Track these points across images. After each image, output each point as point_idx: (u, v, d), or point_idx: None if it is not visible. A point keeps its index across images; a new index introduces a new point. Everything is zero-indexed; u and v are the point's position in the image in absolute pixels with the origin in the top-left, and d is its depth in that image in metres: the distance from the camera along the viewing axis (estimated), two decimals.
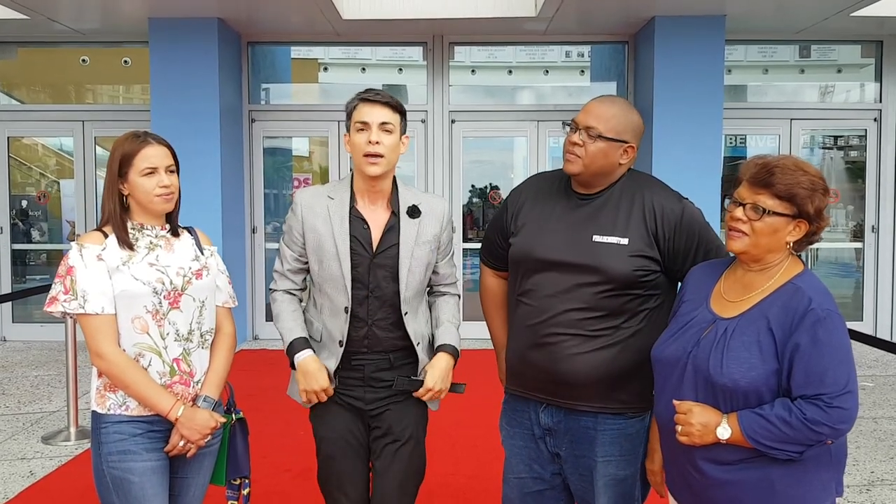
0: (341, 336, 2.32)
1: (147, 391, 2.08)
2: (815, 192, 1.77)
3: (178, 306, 2.15)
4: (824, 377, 1.66)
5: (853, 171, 7.90)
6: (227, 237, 6.82)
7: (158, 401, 2.09)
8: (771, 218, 1.77)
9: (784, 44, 7.67)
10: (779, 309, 1.75)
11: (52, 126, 7.75)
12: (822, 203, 1.79)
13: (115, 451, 2.08)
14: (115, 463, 2.08)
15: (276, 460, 4.12)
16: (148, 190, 2.11)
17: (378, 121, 2.27)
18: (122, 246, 2.11)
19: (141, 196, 2.12)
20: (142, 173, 2.10)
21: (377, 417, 2.38)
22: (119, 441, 2.09)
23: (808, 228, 1.78)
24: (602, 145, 2.07)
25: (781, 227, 1.78)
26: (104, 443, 2.09)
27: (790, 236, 1.79)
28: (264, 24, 7.05)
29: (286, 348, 2.34)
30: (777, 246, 1.80)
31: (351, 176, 2.42)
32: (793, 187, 1.75)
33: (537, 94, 7.96)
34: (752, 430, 1.70)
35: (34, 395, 5.65)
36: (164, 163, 2.14)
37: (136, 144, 2.11)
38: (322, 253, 2.31)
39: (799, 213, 1.77)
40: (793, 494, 1.74)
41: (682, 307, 1.96)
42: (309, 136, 8.00)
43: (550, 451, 2.21)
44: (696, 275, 2.00)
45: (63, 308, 2.07)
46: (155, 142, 2.14)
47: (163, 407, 2.09)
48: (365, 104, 2.29)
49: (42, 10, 6.39)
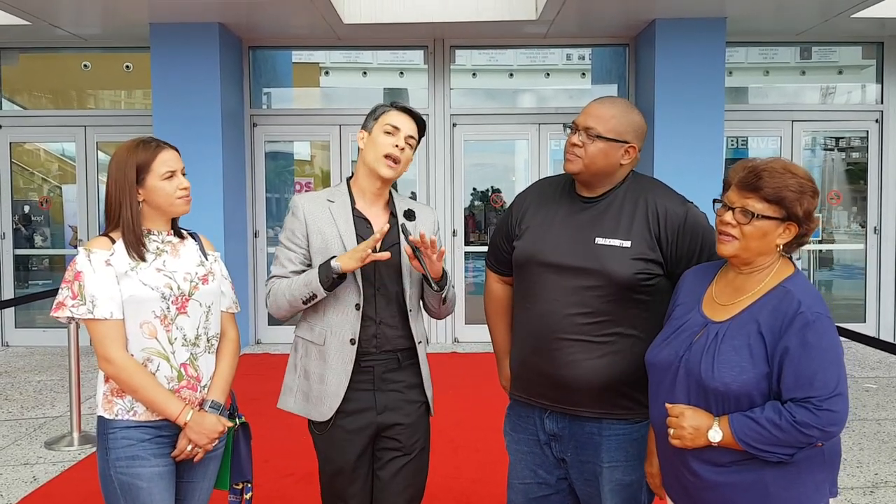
0: (353, 334, 2.31)
1: (156, 396, 2.09)
2: (803, 194, 1.77)
3: (186, 311, 2.16)
4: (814, 380, 1.67)
5: (855, 173, 7.90)
6: (229, 241, 6.83)
7: (167, 405, 2.10)
8: (760, 221, 1.78)
9: (785, 45, 7.68)
10: (769, 312, 1.76)
11: (54, 131, 7.76)
12: (811, 205, 1.78)
13: (123, 456, 2.09)
14: (122, 468, 2.08)
15: (279, 465, 4.12)
16: (170, 193, 2.14)
17: (407, 132, 2.36)
18: (131, 254, 2.12)
19: (162, 200, 2.15)
20: (163, 177, 2.13)
21: (389, 429, 2.37)
22: (127, 447, 2.09)
23: (797, 231, 1.79)
24: (602, 146, 2.07)
25: (771, 231, 1.79)
26: (112, 448, 2.10)
27: (780, 239, 1.80)
28: (265, 29, 7.06)
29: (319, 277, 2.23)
30: (767, 249, 1.81)
31: (347, 181, 2.45)
32: (781, 190, 1.76)
33: (538, 96, 7.96)
34: (742, 433, 1.71)
35: (37, 400, 5.65)
36: (179, 165, 2.19)
37: (151, 150, 2.14)
38: (329, 253, 2.31)
39: (788, 215, 1.77)
40: (786, 496, 1.75)
41: (675, 311, 1.97)
42: (310, 140, 8.01)
43: (556, 456, 2.20)
44: (689, 278, 2.01)
45: (71, 313, 2.07)
46: (166, 146, 2.18)
47: (171, 411, 2.10)
48: (400, 113, 2.37)
49: (44, 15, 6.41)
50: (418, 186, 7.53)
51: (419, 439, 2.41)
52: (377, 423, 2.35)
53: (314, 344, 2.36)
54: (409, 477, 2.39)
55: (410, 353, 2.41)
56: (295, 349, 2.44)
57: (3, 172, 7.63)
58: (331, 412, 2.31)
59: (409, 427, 2.38)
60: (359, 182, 2.41)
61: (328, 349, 2.33)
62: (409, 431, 2.38)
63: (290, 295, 2.31)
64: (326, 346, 2.33)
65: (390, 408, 2.36)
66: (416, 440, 2.40)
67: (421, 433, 2.42)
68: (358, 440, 2.34)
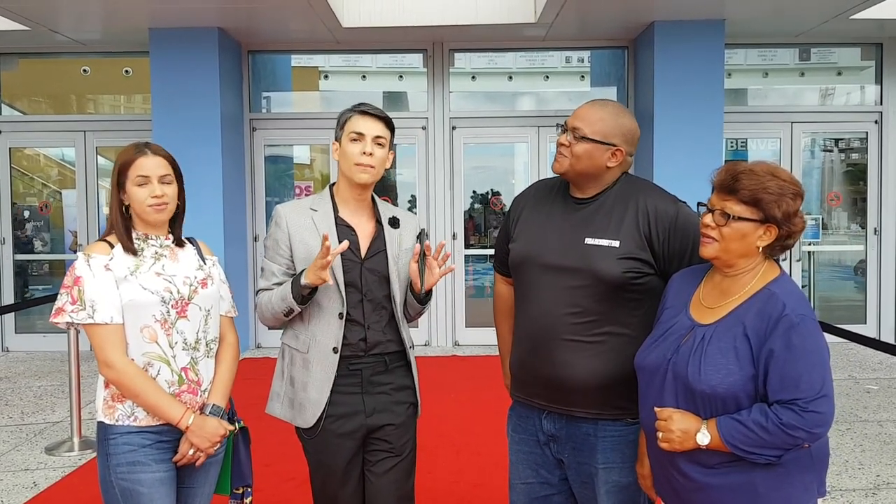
0: (335, 343, 2.32)
1: (158, 400, 2.08)
2: (782, 196, 1.77)
3: (186, 315, 2.16)
4: (799, 382, 1.69)
5: (854, 174, 7.90)
6: (228, 246, 6.83)
7: (169, 409, 2.09)
8: (737, 223, 1.79)
9: (784, 47, 7.68)
10: (754, 315, 1.77)
11: (53, 136, 7.77)
12: (791, 207, 1.78)
13: (125, 462, 2.08)
14: (124, 474, 2.07)
15: (280, 469, 4.11)
16: (140, 199, 2.13)
17: (373, 134, 2.34)
18: (127, 252, 2.12)
19: (135, 205, 2.14)
20: (135, 183, 2.12)
21: (379, 431, 2.38)
22: (129, 452, 2.08)
23: (778, 233, 1.80)
24: (587, 146, 2.10)
25: (750, 232, 1.80)
26: (112, 454, 2.09)
27: (760, 241, 1.81)
28: (265, 33, 7.07)
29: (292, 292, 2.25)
30: (748, 251, 1.82)
31: (330, 189, 2.45)
32: (757, 192, 1.77)
33: (538, 99, 7.97)
34: (730, 436, 1.73)
35: (37, 405, 5.65)
36: (157, 172, 2.14)
37: (132, 155, 2.14)
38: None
39: (766, 217, 1.78)
40: (776, 497, 1.77)
41: (663, 314, 1.98)
42: (310, 144, 8.01)
43: (555, 456, 2.21)
44: (677, 281, 2.02)
45: (70, 319, 2.06)
46: (152, 152, 2.16)
47: (173, 415, 2.10)
48: (362, 116, 2.35)
49: (43, 21, 6.42)
50: (418, 190, 7.53)
51: (408, 440, 2.43)
52: (367, 425, 2.36)
53: (298, 352, 2.37)
54: (400, 478, 2.40)
55: (398, 356, 2.42)
56: (282, 356, 2.46)
57: (3, 178, 7.63)
58: (314, 419, 2.32)
59: (399, 428, 2.40)
60: (340, 191, 2.42)
61: (311, 358, 2.34)
62: (400, 432, 2.40)
63: (271, 309, 2.34)
64: (310, 355, 2.34)
65: (379, 410, 2.37)
66: (405, 441, 2.41)
67: (410, 434, 2.44)
68: (348, 443, 2.35)
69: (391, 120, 2.41)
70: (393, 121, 2.42)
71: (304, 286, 2.22)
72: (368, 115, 2.35)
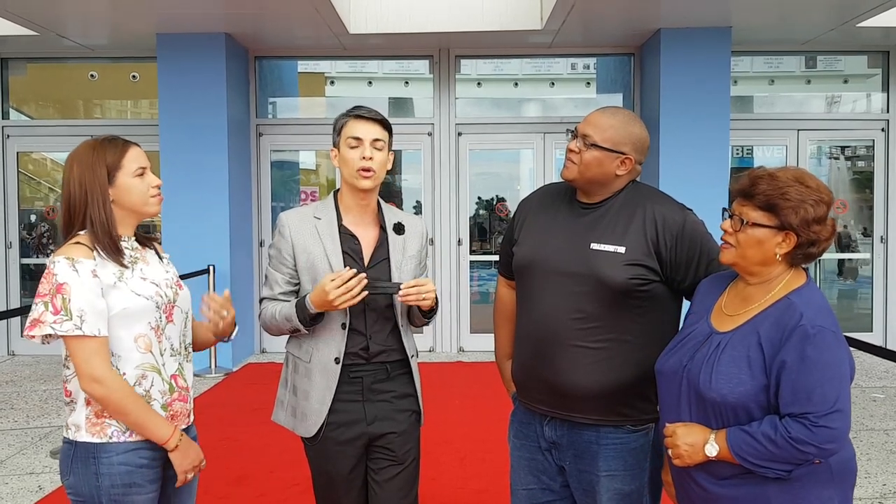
0: (338, 353, 2.31)
1: (147, 418, 1.94)
2: (802, 203, 1.71)
3: (172, 319, 2.05)
4: (811, 395, 1.63)
5: (861, 182, 7.88)
6: (234, 250, 6.83)
7: (157, 429, 1.95)
8: (752, 229, 1.76)
9: (790, 55, 7.67)
10: (770, 324, 1.73)
11: (60, 141, 7.77)
12: (811, 214, 1.71)
13: (121, 483, 1.92)
14: (118, 497, 1.92)
15: (284, 475, 4.11)
16: (143, 191, 2.00)
17: (371, 137, 2.31)
18: (109, 256, 1.94)
19: (135, 199, 2.00)
20: (134, 174, 1.99)
21: (381, 438, 2.36)
22: (126, 473, 1.93)
23: (797, 240, 1.74)
24: (596, 154, 2.09)
25: (767, 239, 1.75)
26: (105, 474, 1.92)
27: (779, 248, 1.75)
28: (271, 39, 7.09)
29: (297, 316, 2.24)
30: (766, 258, 1.77)
31: (334, 196, 2.44)
32: (773, 198, 1.73)
33: (543, 106, 7.98)
34: (738, 448, 1.70)
35: (42, 409, 5.66)
36: (149, 163, 2.05)
37: (119, 147, 2.00)
38: (315, 272, 2.31)
39: (782, 224, 1.73)
40: None
41: (687, 319, 1.97)
42: (316, 150, 8.02)
43: (556, 463, 2.20)
44: (704, 287, 2.00)
45: (52, 330, 1.85)
46: (133, 143, 2.04)
47: (161, 435, 1.95)
48: (357, 121, 2.33)
49: (51, 26, 6.45)
50: (424, 195, 7.54)
51: (411, 448, 2.41)
52: (368, 433, 2.34)
53: (301, 360, 2.37)
54: (404, 487, 2.38)
55: (401, 364, 2.41)
56: (286, 364, 2.46)
57: (11, 182, 7.68)
58: (315, 428, 2.32)
59: (402, 436, 2.38)
60: (344, 198, 2.40)
61: (313, 367, 2.33)
62: (402, 440, 2.38)
63: (276, 325, 2.35)
64: (312, 364, 2.34)
65: (381, 418, 2.35)
66: (408, 449, 2.39)
67: (413, 442, 2.42)
68: (350, 451, 2.34)
69: (388, 121, 2.38)
70: (390, 122, 2.39)
71: (309, 310, 2.22)
72: (364, 119, 2.32)
